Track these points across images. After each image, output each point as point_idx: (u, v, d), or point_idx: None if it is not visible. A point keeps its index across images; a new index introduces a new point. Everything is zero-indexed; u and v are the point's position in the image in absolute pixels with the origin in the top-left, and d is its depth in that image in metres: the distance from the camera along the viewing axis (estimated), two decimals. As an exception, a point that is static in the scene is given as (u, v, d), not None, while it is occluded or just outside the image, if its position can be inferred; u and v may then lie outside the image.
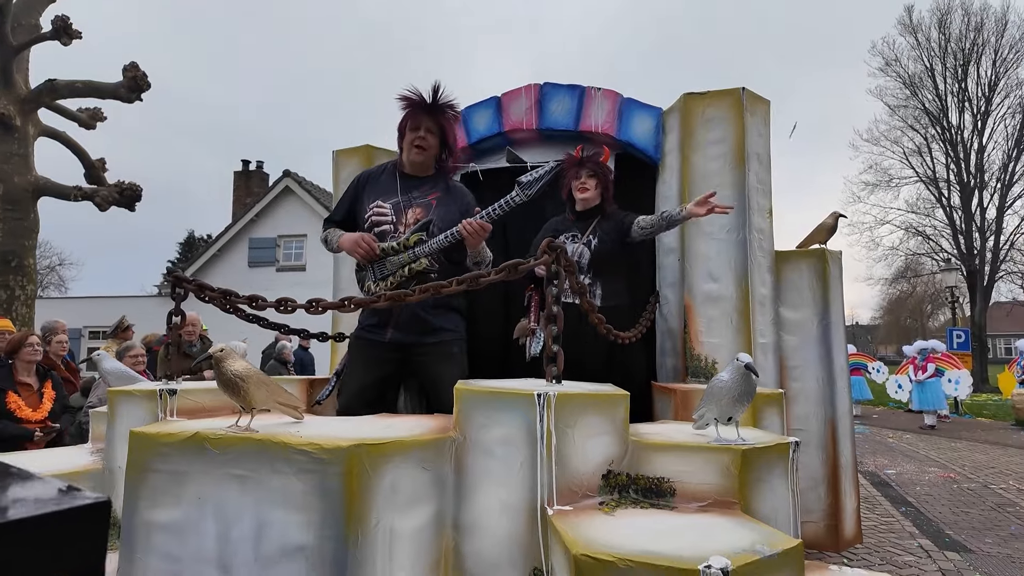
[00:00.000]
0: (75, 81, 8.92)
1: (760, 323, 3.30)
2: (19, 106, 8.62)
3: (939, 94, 25.06)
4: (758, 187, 3.35)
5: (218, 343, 2.12)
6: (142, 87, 9.05)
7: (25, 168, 8.63)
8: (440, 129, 2.76)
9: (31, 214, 8.68)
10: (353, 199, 2.89)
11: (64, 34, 8.68)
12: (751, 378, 1.91)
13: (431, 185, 2.81)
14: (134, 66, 9.02)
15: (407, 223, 2.70)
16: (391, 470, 1.83)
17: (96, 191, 9.07)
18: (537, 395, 1.85)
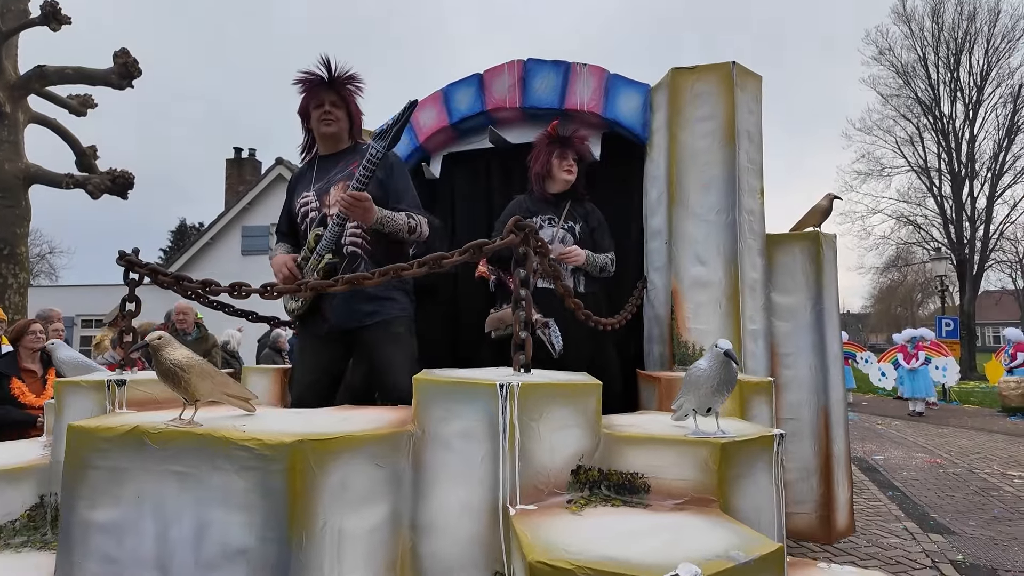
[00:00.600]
0: (65, 67, 8.73)
1: (750, 308, 3.13)
2: (8, 92, 8.44)
3: (931, 83, 24.86)
4: (749, 166, 3.16)
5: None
6: (133, 74, 8.85)
7: (16, 155, 8.46)
8: (344, 101, 2.65)
9: (22, 202, 8.52)
10: (290, 206, 2.77)
11: (53, 19, 8.49)
12: (731, 366, 1.74)
13: (351, 155, 2.67)
14: (125, 52, 8.82)
15: (330, 203, 2.54)
16: (340, 467, 1.67)
17: (88, 179, 8.91)
18: (499, 385, 1.68)
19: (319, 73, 2.63)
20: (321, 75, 2.62)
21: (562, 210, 3.16)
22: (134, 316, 2.42)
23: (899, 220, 26.40)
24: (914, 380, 11.90)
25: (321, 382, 2.59)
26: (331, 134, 2.65)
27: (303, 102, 2.68)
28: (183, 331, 6.87)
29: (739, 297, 3.04)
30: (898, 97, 25.51)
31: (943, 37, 24.40)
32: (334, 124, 2.63)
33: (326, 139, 2.68)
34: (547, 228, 3.14)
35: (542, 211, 3.18)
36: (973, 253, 23.75)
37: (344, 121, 2.67)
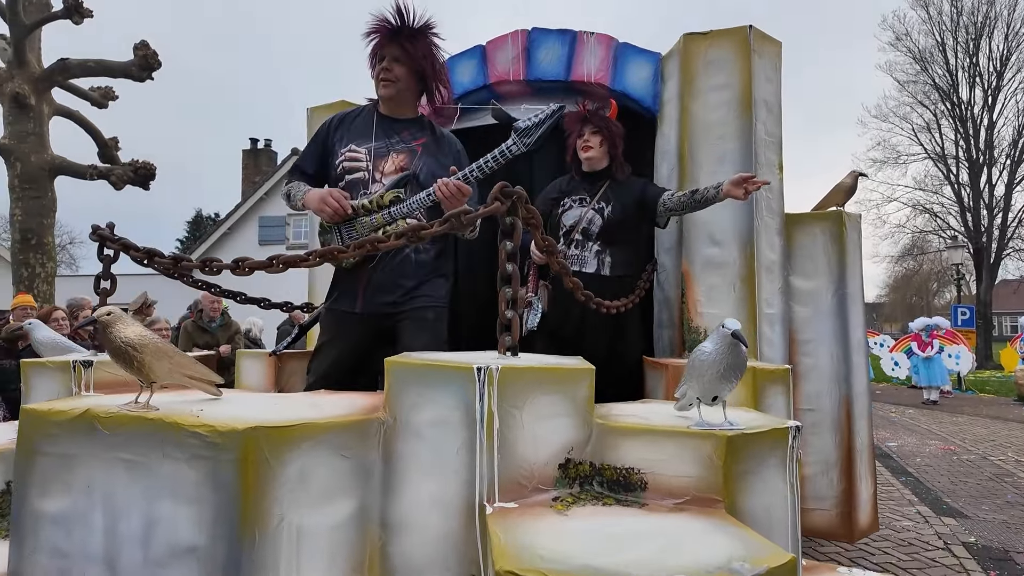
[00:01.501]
0: (87, 60, 8.69)
1: (767, 292, 2.87)
2: (33, 85, 8.42)
3: (949, 69, 23.99)
4: (767, 139, 2.90)
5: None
6: (153, 66, 8.78)
7: (41, 147, 8.46)
8: (411, 58, 2.24)
9: (48, 193, 8.51)
10: (324, 145, 2.41)
11: (75, 12, 8.44)
12: (740, 349, 1.50)
13: (417, 129, 2.36)
14: (144, 45, 8.75)
15: (385, 172, 2.27)
16: (298, 457, 1.47)
17: (111, 170, 8.88)
18: (476, 369, 1.47)
19: (387, 21, 2.23)
20: (388, 23, 2.23)
21: (596, 190, 2.93)
22: (109, 294, 2.25)
23: (915, 208, 25.74)
24: (928, 369, 11.62)
25: (340, 371, 2.33)
26: (389, 96, 2.29)
27: (370, 56, 2.31)
28: (210, 318, 6.80)
29: (755, 279, 2.79)
30: (915, 83, 24.77)
31: (962, 21, 23.56)
32: (392, 85, 2.25)
33: (386, 101, 2.32)
34: (575, 208, 2.93)
35: (575, 191, 2.96)
36: (991, 241, 23.00)
37: (409, 82, 2.28)
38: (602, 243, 2.87)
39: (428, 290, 2.31)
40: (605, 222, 2.87)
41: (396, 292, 2.28)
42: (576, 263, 2.86)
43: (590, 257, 2.87)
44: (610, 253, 2.88)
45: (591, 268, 2.86)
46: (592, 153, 2.90)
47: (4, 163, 8.34)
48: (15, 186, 8.33)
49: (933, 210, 25.31)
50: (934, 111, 24.54)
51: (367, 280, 2.27)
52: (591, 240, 2.88)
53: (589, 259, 2.87)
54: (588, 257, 2.87)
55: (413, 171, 2.26)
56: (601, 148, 2.90)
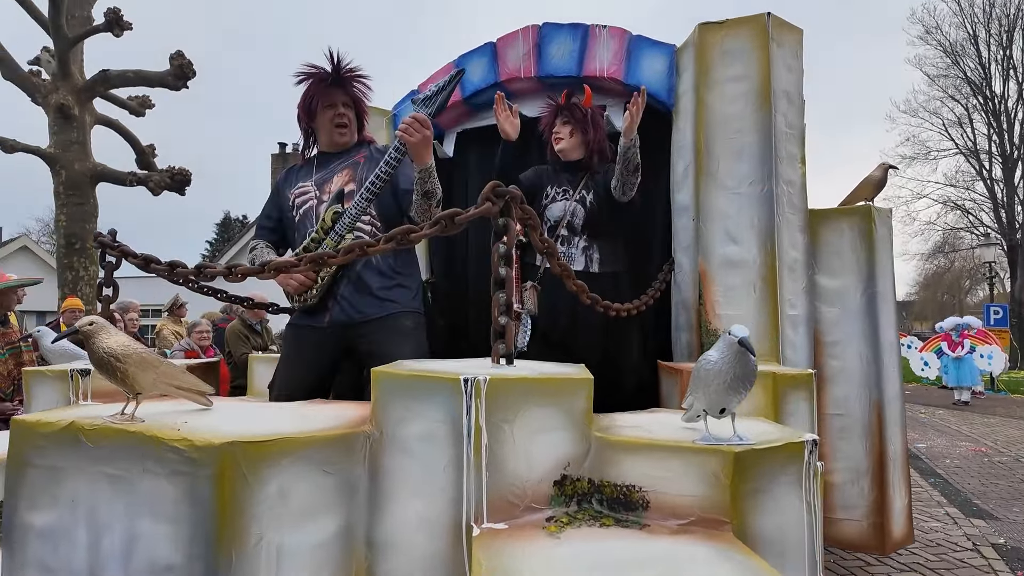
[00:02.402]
0: (127, 71, 8.84)
1: (789, 292, 2.69)
2: (76, 96, 8.60)
3: (982, 62, 22.98)
4: (787, 132, 2.72)
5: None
6: (188, 74, 8.89)
7: (84, 155, 8.63)
8: (355, 100, 2.38)
9: (91, 199, 8.69)
10: (279, 196, 2.47)
11: (116, 26, 8.58)
12: (748, 358, 1.36)
13: (354, 151, 2.40)
14: (180, 54, 8.86)
15: (332, 191, 2.26)
16: (278, 474, 1.38)
17: (149, 176, 9.03)
18: (463, 380, 1.36)
19: (325, 69, 2.33)
20: (327, 72, 2.33)
21: (579, 181, 2.81)
22: (111, 301, 2.20)
23: (946, 205, 24.70)
24: (959, 369, 11.16)
25: (306, 387, 2.26)
26: (343, 142, 2.39)
27: (307, 100, 2.37)
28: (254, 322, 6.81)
29: (776, 279, 2.61)
30: (946, 77, 23.84)
31: (995, 13, 22.58)
32: (347, 130, 2.37)
33: (337, 144, 2.41)
34: (559, 201, 2.80)
35: (558, 182, 2.84)
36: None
37: (355, 123, 2.42)
38: (588, 237, 2.74)
39: (397, 296, 2.25)
40: (588, 212, 2.73)
41: (363, 301, 2.21)
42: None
43: (577, 254, 2.74)
44: (597, 248, 2.75)
45: (579, 265, 2.72)
46: (563, 144, 2.77)
47: (50, 171, 8.54)
48: (60, 193, 8.52)
49: (965, 206, 24.37)
50: (966, 105, 23.61)
51: (337, 292, 2.22)
52: (577, 235, 2.74)
53: (576, 256, 2.74)
54: (575, 254, 2.74)
55: (358, 179, 2.26)
56: (572, 138, 2.76)
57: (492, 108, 3.32)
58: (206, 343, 6.78)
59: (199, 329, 6.74)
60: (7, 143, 8.50)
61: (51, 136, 8.50)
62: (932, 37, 23.69)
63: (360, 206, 2.13)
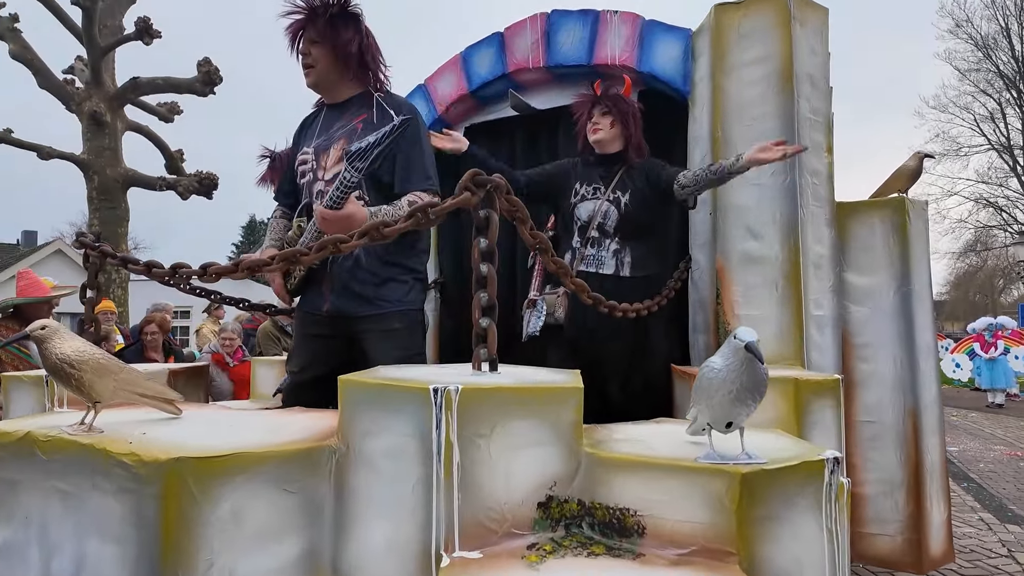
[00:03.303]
0: (156, 78, 8.92)
1: (815, 290, 2.47)
2: (108, 103, 8.71)
3: (1015, 55, 21.84)
4: (811, 118, 2.50)
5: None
6: (215, 81, 8.94)
7: (115, 161, 8.74)
8: (328, 38, 2.00)
9: (122, 203, 8.80)
10: (293, 158, 2.27)
11: (146, 34, 8.66)
12: (756, 366, 1.17)
13: (358, 107, 2.10)
14: (207, 61, 8.91)
15: (327, 167, 2.06)
16: (231, 493, 1.24)
17: (178, 181, 9.11)
18: (432, 390, 1.20)
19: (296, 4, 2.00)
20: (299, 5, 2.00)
21: (612, 176, 2.56)
22: (96, 303, 2.10)
23: (978, 202, 23.55)
24: (992, 370, 10.65)
25: (311, 375, 2.12)
26: (313, 84, 2.09)
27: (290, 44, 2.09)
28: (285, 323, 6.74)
29: (800, 277, 2.40)
30: (977, 71, 22.66)
31: (1028, 5, 21.49)
32: (312, 72, 2.04)
33: (314, 89, 2.12)
34: (588, 201, 2.56)
35: (589, 179, 2.59)
36: (1062, 236, 20.94)
37: (332, 64, 2.04)
38: (620, 239, 2.51)
39: (389, 293, 2.04)
40: (622, 214, 2.50)
41: (355, 297, 2.04)
42: (592, 264, 2.52)
43: (607, 257, 2.52)
44: (629, 251, 2.52)
45: (609, 269, 2.52)
46: (601, 135, 2.54)
47: (83, 176, 8.66)
48: (92, 197, 8.64)
49: (998, 203, 23.23)
50: (998, 100, 22.47)
51: (330, 280, 2.06)
52: (608, 237, 2.52)
53: (606, 259, 2.52)
54: (605, 257, 2.52)
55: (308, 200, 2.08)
56: (612, 129, 2.53)
57: (500, 100, 3.19)
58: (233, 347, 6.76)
59: (225, 334, 6.72)
60: (43, 150, 8.65)
61: (84, 142, 8.62)
62: (963, 31, 22.67)
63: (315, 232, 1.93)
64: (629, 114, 2.52)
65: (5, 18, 8.30)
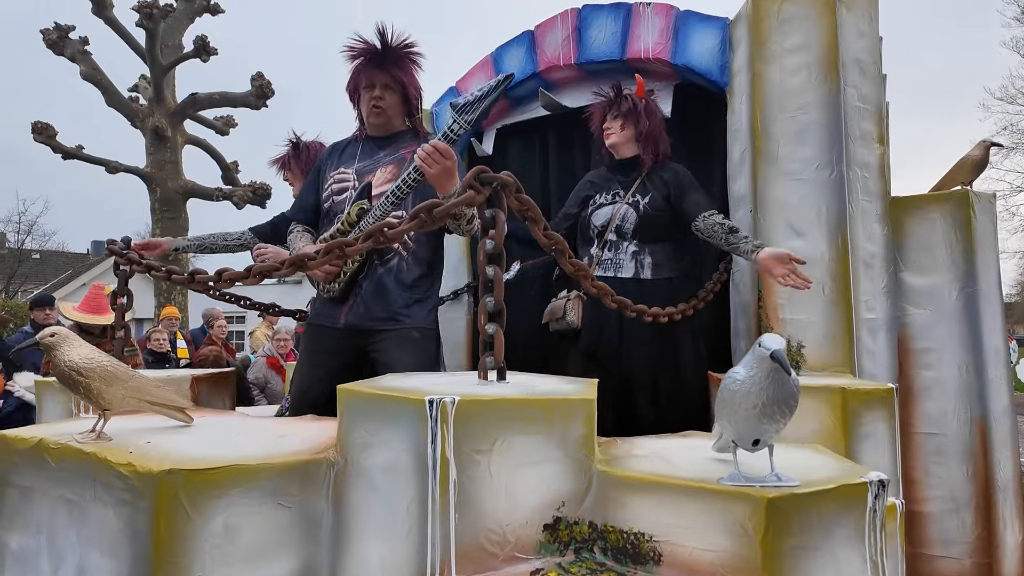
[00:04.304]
0: (213, 93, 9.24)
1: (866, 292, 2.27)
2: (169, 119, 9.08)
3: None
4: (860, 106, 2.30)
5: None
6: (267, 94, 9.20)
7: (176, 174, 9.09)
8: (399, 83, 2.11)
9: (182, 213, 9.14)
10: (316, 178, 2.26)
11: (203, 52, 8.99)
12: (783, 377, 1.03)
13: (402, 141, 2.15)
14: (260, 76, 9.18)
15: (375, 184, 2.05)
16: (224, 507, 1.18)
17: (233, 191, 9.40)
18: (428, 402, 1.11)
19: (371, 45, 2.10)
20: (372, 47, 2.10)
21: (632, 181, 2.47)
22: (127, 310, 2.12)
23: None
24: None
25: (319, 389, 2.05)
26: (380, 124, 2.16)
27: (351, 80, 2.18)
28: None
29: (850, 277, 2.21)
30: None
31: (1103, -13, 19.82)
32: (383, 114, 2.13)
33: (375, 125, 2.19)
34: (606, 207, 2.46)
35: (608, 186, 2.50)
36: None
37: (398, 106, 2.16)
38: (639, 241, 2.39)
39: (413, 313, 2.03)
40: (641, 216, 2.38)
41: (373, 311, 2.01)
42: (610, 268, 2.40)
43: (626, 259, 2.39)
44: (649, 252, 2.39)
45: (628, 272, 2.38)
46: (614, 138, 2.44)
47: (146, 188, 9.03)
48: (155, 208, 8.99)
49: None
50: None
51: (356, 293, 2.04)
52: (626, 239, 2.40)
53: (625, 262, 2.39)
54: (623, 260, 2.39)
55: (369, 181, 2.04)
56: (624, 132, 2.42)
57: (531, 100, 3.09)
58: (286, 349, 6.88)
59: (279, 336, 6.86)
60: (110, 164, 9.07)
61: (147, 156, 9.00)
62: (1032, 16, 21.20)
63: (384, 209, 1.92)
64: (638, 112, 2.41)
65: (76, 41, 8.74)
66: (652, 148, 2.44)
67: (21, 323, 10.70)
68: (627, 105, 2.42)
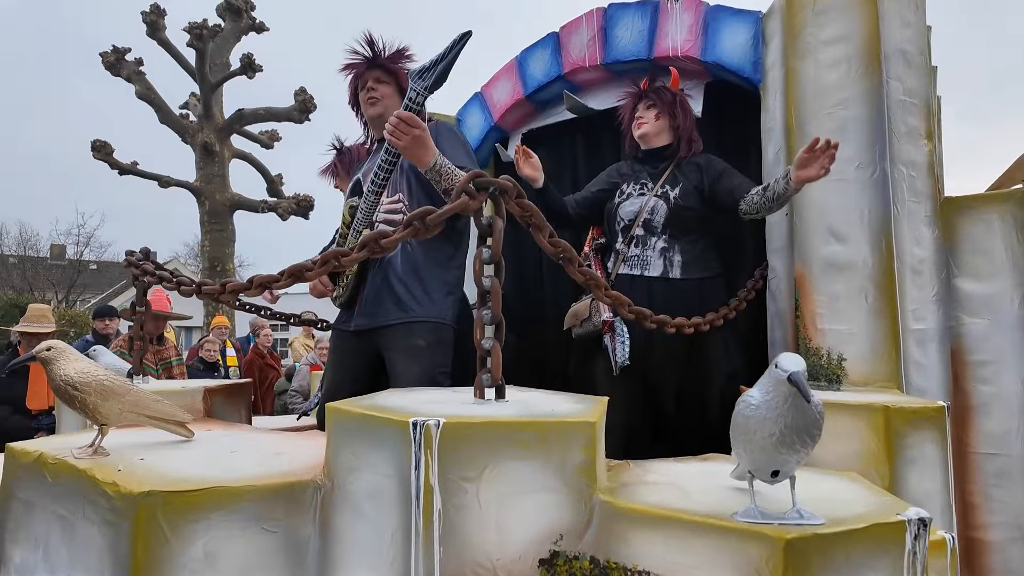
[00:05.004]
0: (258, 109, 9.47)
1: (914, 300, 2.08)
2: (217, 134, 9.33)
3: None
4: (905, 100, 2.12)
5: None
6: (310, 108, 9.35)
7: (223, 187, 9.33)
8: (392, 75, 2.14)
9: (229, 225, 9.37)
10: None
11: (250, 69, 9.22)
12: (803, 404, 0.90)
13: None
14: (303, 90, 9.35)
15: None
16: (204, 531, 1.12)
17: (278, 203, 9.58)
18: (412, 424, 1.03)
19: (361, 52, 2.15)
20: (362, 54, 2.15)
21: (661, 172, 2.34)
22: (143, 322, 2.11)
23: None
24: None
25: (344, 387, 2.03)
26: (377, 115, 2.14)
27: (350, 88, 2.23)
28: None
29: (895, 284, 2.03)
30: None
31: None
32: (379, 103, 2.13)
33: (375, 122, 2.18)
34: (634, 198, 2.33)
35: (636, 176, 2.38)
36: None
37: (393, 96, 2.15)
38: (668, 237, 2.25)
39: (418, 304, 1.92)
40: (672, 209, 2.24)
41: (380, 308, 1.96)
42: (637, 266, 2.27)
43: (654, 256, 2.26)
44: (680, 249, 2.25)
45: (656, 270, 2.25)
46: (646, 128, 2.31)
47: (196, 201, 9.29)
48: (204, 221, 9.24)
49: None
50: None
51: (363, 292, 2.00)
52: (654, 234, 2.26)
53: (653, 259, 2.26)
54: (651, 257, 2.26)
55: (399, 168, 1.97)
56: (658, 122, 2.30)
57: (557, 104, 3.00)
58: None
59: (321, 344, 6.93)
60: (162, 179, 9.37)
61: (197, 171, 9.26)
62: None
63: (369, 201, 1.89)
64: (676, 104, 2.30)
65: (131, 62, 9.09)
66: (687, 139, 2.34)
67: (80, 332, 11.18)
68: (667, 96, 2.32)
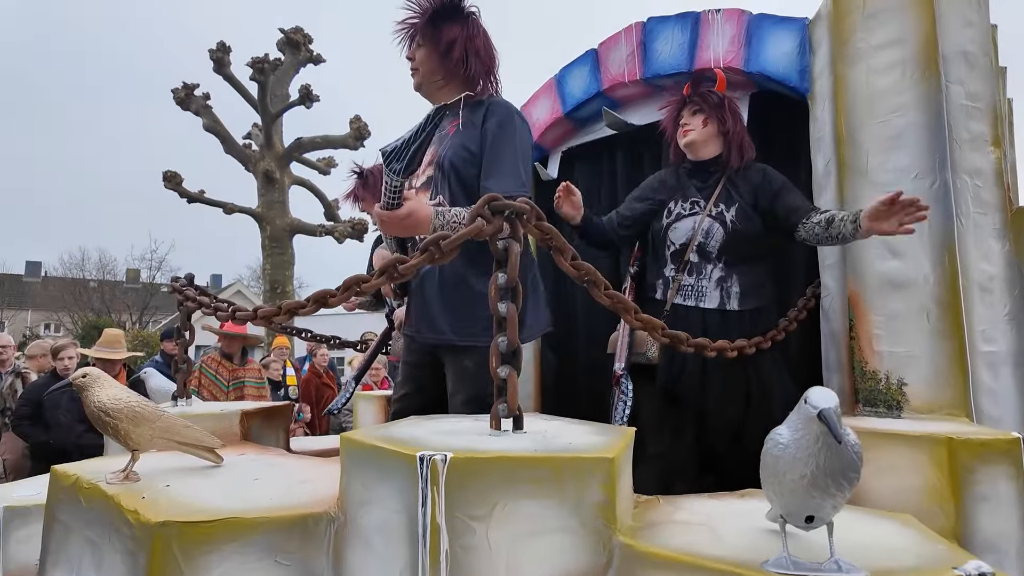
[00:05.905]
0: (315, 137, 9.81)
1: (983, 320, 1.91)
2: (278, 162, 9.71)
3: None
4: (967, 105, 1.96)
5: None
6: (364, 135, 9.63)
7: (283, 212, 9.68)
8: (430, 37, 1.82)
9: (289, 249, 9.69)
10: None
11: (308, 99, 9.58)
12: (834, 443, 0.81)
13: (455, 113, 1.88)
14: (358, 118, 9.65)
15: (417, 174, 1.89)
16: (218, 563, 1.11)
17: (335, 227, 9.86)
18: (419, 459, 0.99)
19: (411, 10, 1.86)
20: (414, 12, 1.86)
21: (714, 188, 2.14)
22: (188, 345, 2.16)
23: None
24: None
25: (412, 397, 1.94)
26: (417, 86, 1.91)
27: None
28: None
29: (961, 303, 1.86)
30: None
31: None
32: (416, 74, 1.89)
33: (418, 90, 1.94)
34: (685, 219, 2.14)
35: (685, 191, 2.17)
36: None
37: (430, 63, 1.85)
38: (726, 265, 2.08)
39: (465, 325, 1.75)
40: (729, 233, 2.07)
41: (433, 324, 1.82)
42: (691, 296, 2.11)
43: (709, 287, 2.09)
44: (737, 278, 2.08)
45: (712, 302, 2.09)
46: (693, 135, 2.12)
47: (258, 226, 9.66)
48: (265, 245, 9.59)
49: None
50: None
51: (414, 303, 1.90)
52: (710, 262, 2.10)
53: (709, 289, 2.09)
54: (707, 287, 2.09)
55: (438, 160, 1.81)
56: (705, 128, 2.12)
57: (596, 120, 2.94)
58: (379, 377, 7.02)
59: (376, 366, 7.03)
60: (227, 206, 9.81)
61: (259, 198, 9.65)
62: None
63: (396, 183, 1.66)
64: (724, 107, 2.12)
65: (199, 97, 9.59)
66: (739, 146, 2.14)
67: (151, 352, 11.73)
68: (713, 99, 2.14)
